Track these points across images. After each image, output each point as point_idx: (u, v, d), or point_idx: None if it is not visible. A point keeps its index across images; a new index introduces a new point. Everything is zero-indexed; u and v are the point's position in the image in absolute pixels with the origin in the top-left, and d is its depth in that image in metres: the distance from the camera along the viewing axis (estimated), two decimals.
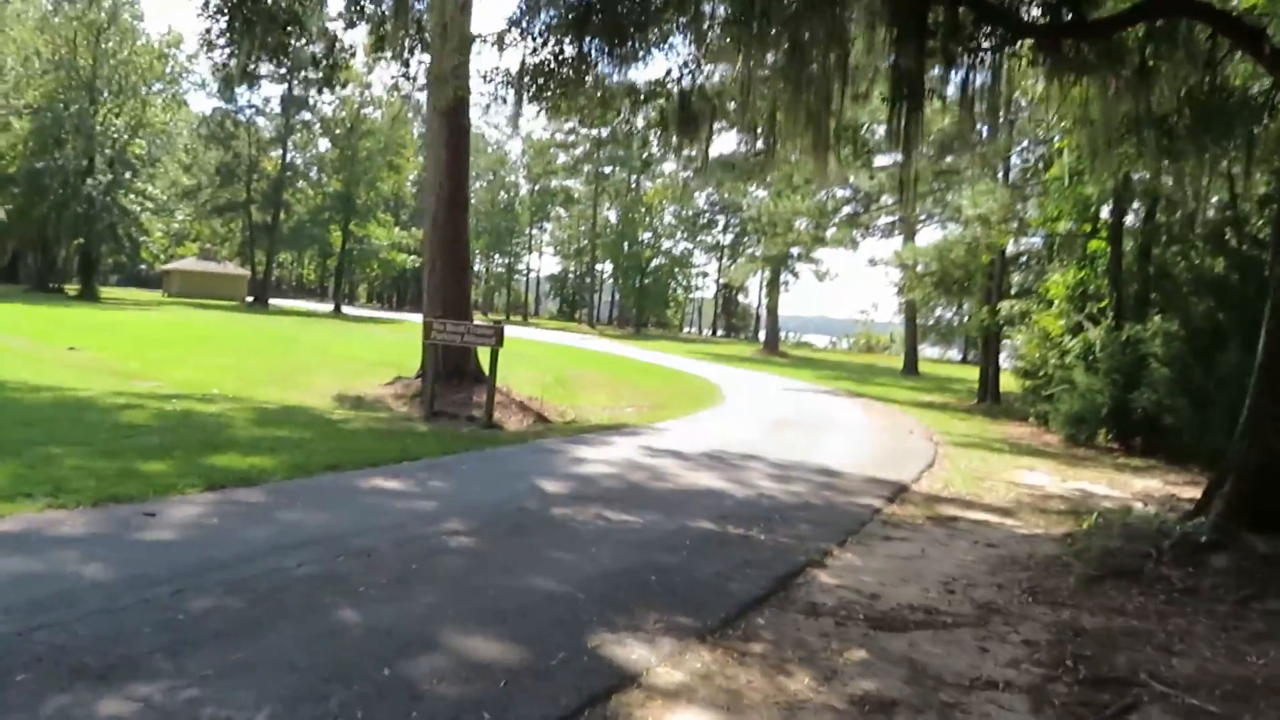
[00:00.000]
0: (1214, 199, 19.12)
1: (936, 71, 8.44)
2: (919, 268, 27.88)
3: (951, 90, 9.08)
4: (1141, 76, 8.10)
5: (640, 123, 10.78)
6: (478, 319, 14.09)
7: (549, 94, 9.87)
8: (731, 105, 11.23)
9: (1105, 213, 20.11)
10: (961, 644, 5.38)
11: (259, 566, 5.72)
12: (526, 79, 9.65)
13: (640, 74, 11.14)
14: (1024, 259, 28.40)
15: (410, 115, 78.48)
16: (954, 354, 75.28)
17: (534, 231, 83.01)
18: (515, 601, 5.46)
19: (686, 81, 10.62)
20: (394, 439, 11.32)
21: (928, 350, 56.87)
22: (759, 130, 11.03)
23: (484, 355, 16.54)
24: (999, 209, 18.32)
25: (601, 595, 5.71)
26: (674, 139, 10.98)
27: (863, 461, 13.30)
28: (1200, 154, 8.69)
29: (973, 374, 53.05)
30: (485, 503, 8.18)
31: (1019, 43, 8.32)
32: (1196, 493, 13.41)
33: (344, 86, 58.38)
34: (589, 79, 10.01)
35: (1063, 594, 6.53)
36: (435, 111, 15.52)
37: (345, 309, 62.35)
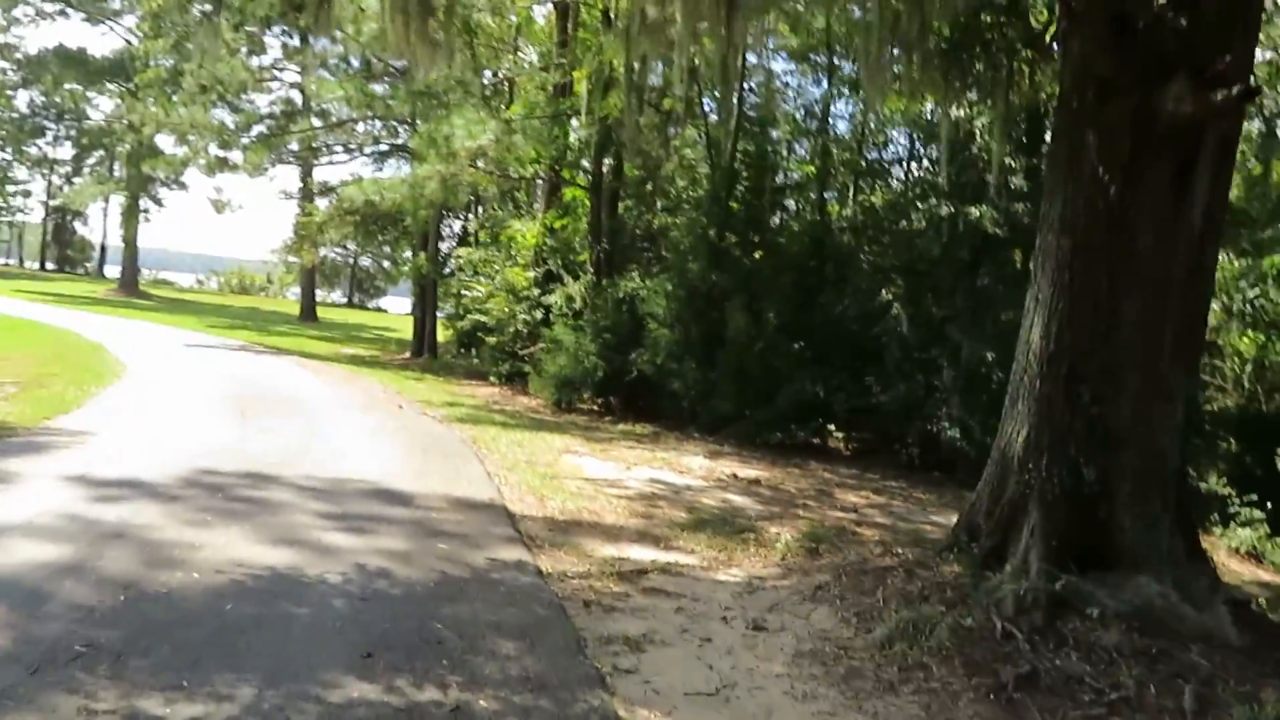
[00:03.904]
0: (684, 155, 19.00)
1: None
2: (349, 204, 24.09)
3: None
4: None
5: None
6: None
7: None
8: None
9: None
10: None
11: None
12: None
13: None
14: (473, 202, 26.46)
15: None
16: (337, 296, 71.78)
17: None
18: None
19: None
20: None
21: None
22: None
23: None
24: (493, 146, 15.70)
25: None
26: None
27: (409, 468, 9.80)
28: (951, 82, 7.09)
29: (370, 319, 50.65)
30: None
31: None
32: (747, 470, 12.62)
33: None
34: None
35: None
36: None
37: None
